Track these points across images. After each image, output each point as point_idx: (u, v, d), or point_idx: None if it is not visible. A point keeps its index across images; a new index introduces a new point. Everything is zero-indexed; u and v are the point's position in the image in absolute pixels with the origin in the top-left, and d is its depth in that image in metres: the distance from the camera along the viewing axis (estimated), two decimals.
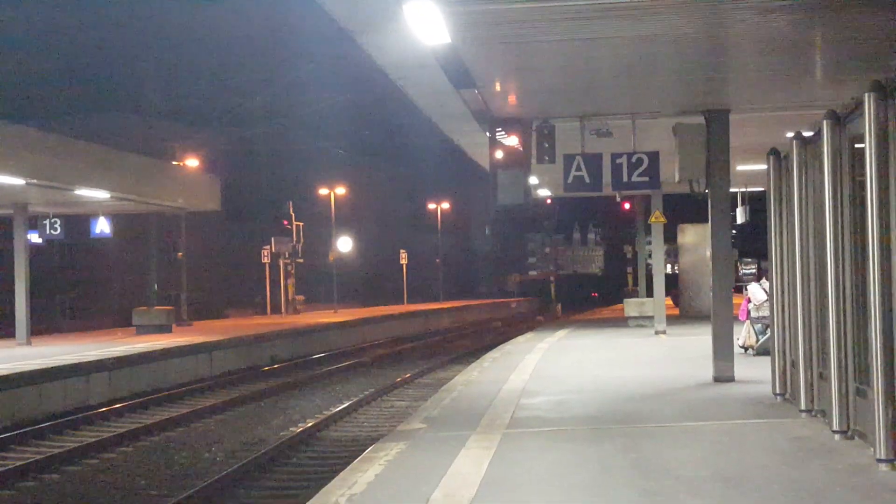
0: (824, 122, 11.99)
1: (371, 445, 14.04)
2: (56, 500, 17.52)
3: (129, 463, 20.45)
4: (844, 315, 11.88)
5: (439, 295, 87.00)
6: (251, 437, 23.05)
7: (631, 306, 39.63)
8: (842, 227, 11.87)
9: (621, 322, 40.23)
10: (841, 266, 11.91)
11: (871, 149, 10.32)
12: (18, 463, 19.80)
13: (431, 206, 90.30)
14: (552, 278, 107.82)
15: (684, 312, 44.11)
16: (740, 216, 40.03)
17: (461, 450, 12.68)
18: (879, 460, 10.39)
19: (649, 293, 38.36)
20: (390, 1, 11.81)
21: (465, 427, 14.60)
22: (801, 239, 13.89)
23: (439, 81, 16.41)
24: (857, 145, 11.41)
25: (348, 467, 12.22)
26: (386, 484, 11.00)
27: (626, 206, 56.72)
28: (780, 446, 12.22)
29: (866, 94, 10.33)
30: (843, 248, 11.86)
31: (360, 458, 12.86)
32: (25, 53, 75.11)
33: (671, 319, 39.03)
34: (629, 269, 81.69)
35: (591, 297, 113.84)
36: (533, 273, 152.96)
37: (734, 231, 48.62)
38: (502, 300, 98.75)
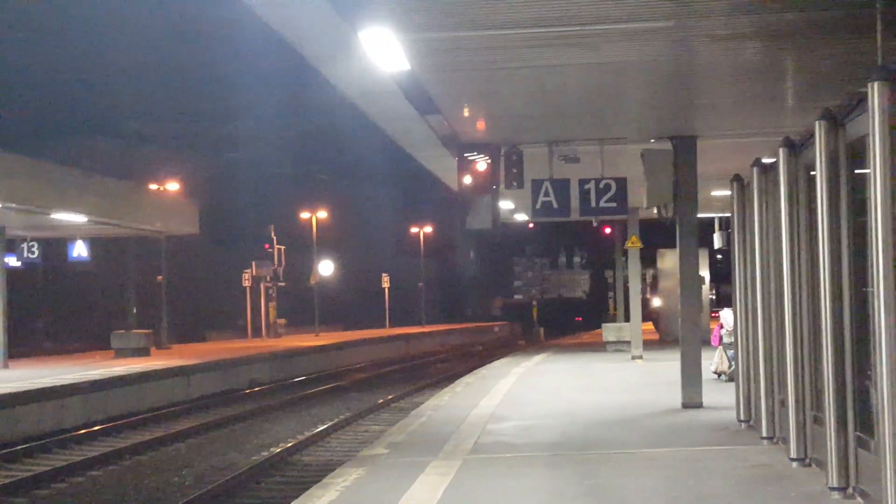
0: (780, 149, 12.06)
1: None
2: None
3: (97, 486, 20.40)
4: (801, 342, 11.91)
5: (422, 319, 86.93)
6: (222, 461, 22.98)
7: (609, 331, 39.65)
8: (798, 254, 11.91)
9: (600, 347, 40.22)
10: (797, 293, 11.94)
11: (821, 176, 10.36)
12: None
13: (414, 229, 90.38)
14: (534, 302, 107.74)
15: (664, 337, 44.17)
16: (717, 241, 40.12)
17: (419, 476, 12.68)
18: (832, 488, 10.40)
19: (628, 318, 38.39)
20: (348, 29, 11.81)
21: (427, 453, 14.59)
22: (761, 266, 13.94)
23: (404, 107, 16.43)
24: (812, 173, 11.45)
25: (304, 493, 12.21)
26: None
27: (607, 230, 56.82)
28: (737, 473, 12.24)
29: (817, 122, 10.38)
30: (799, 275, 11.90)
31: (318, 484, 12.84)
32: (1, 77, 75.11)
33: (650, 344, 39.11)
34: (610, 294, 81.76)
35: (576, 322, 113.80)
36: (518, 297, 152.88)
37: (720, 256, 48.75)
38: (485, 324, 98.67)
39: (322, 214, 69.33)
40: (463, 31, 12.22)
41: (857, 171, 10.02)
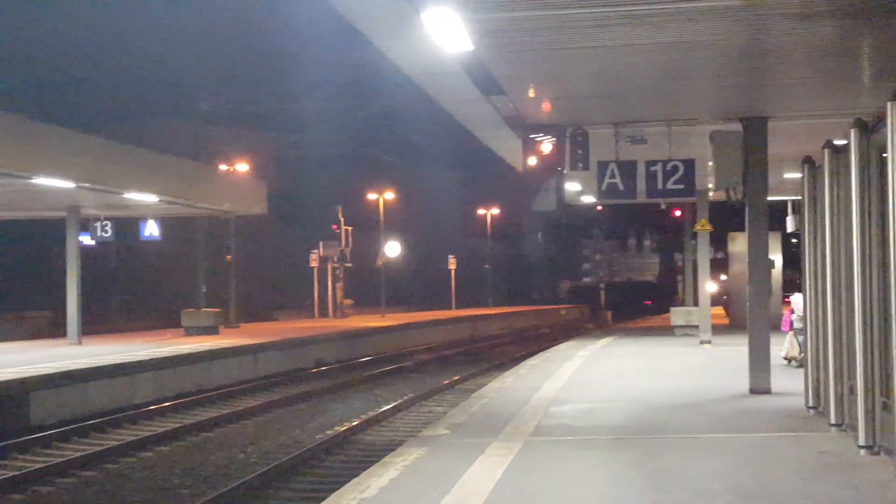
0: (851, 130, 11.82)
1: None
2: (91, 497, 17.67)
3: (165, 461, 20.61)
4: (871, 327, 11.68)
5: (488, 301, 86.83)
6: (287, 438, 23.10)
7: (677, 315, 39.39)
8: (869, 238, 11.68)
9: (668, 331, 39.95)
10: (868, 277, 11.72)
11: (893, 158, 10.13)
12: (59, 461, 20.00)
13: (481, 211, 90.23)
14: (601, 285, 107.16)
15: (734, 322, 43.73)
16: (790, 225, 39.59)
17: (479, 457, 12.62)
18: None
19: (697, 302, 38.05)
20: (410, 9, 11.72)
21: (487, 434, 14.53)
22: (832, 250, 13.70)
23: (467, 88, 16.34)
24: (884, 154, 11.21)
25: (365, 472, 12.19)
26: (398, 489, 10.96)
27: (677, 213, 56.33)
28: (803, 461, 12.04)
29: (889, 103, 10.15)
30: (870, 259, 11.66)
31: (378, 462, 12.83)
32: (77, 59, 75.87)
33: (720, 329, 38.79)
34: (679, 278, 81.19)
35: (645, 305, 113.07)
36: (586, 280, 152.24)
37: (794, 240, 48.11)
38: (552, 307, 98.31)
39: (389, 196, 69.40)
40: (527, 10, 12.08)
41: None
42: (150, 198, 35.53)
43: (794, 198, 39.04)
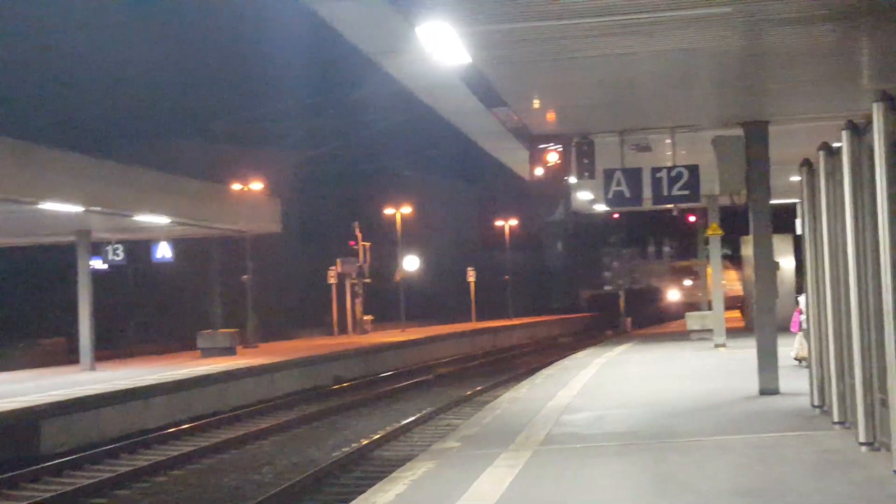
0: (843, 132, 11.91)
1: None
2: None
3: (178, 486, 20.73)
4: (868, 325, 11.76)
5: (509, 312, 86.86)
6: (303, 457, 23.22)
7: (693, 320, 39.39)
8: (863, 237, 11.76)
9: (685, 336, 39.94)
10: (863, 276, 11.80)
11: (880, 158, 10.23)
12: (69, 489, 20.11)
13: (499, 222, 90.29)
14: (621, 293, 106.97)
15: (749, 324, 43.70)
16: (800, 227, 39.56)
17: (488, 468, 12.73)
18: None
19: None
20: (405, 24, 11.86)
21: (498, 445, 14.63)
22: (830, 250, 13.78)
23: (469, 101, 16.49)
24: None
25: (371, 488, 12.31)
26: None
27: (691, 218, 56.36)
28: (806, 459, 12.13)
29: (874, 104, 10.26)
30: (864, 258, 11.74)
31: (388, 477, 12.94)
32: (87, 83, 76.35)
33: (736, 332, 38.75)
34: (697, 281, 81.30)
35: (664, 311, 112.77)
36: (607, 287, 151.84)
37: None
38: (573, 315, 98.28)
39: (406, 210, 69.49)
40: (522, 22, 12.23)
41: None
42: (162, 219, 35.73)
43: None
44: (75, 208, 30.74)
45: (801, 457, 12.29)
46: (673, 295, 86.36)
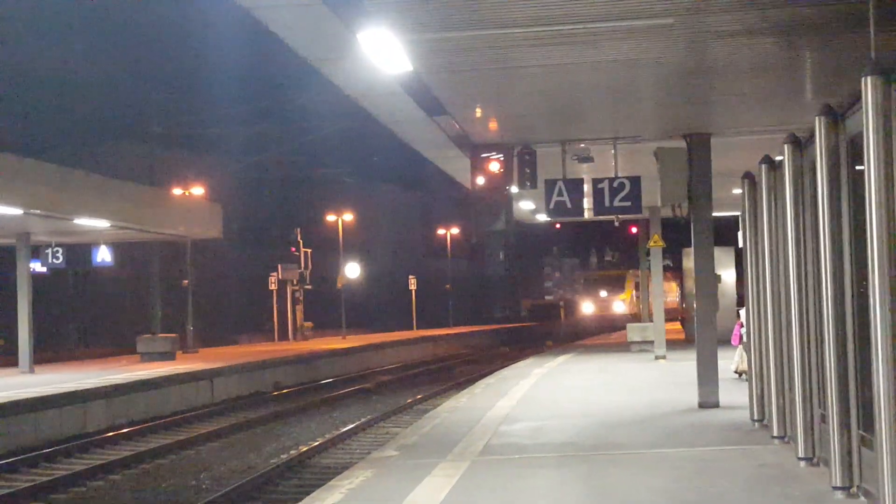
0: (785, 146, 11.95)
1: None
2: None
3: (115, 490, 20.51)
4: (808, 341, 11.79)
5: (449, 321, 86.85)
6: (241, 464, 23.02)
7: (634, 331, 39.46)
8: (804, 251, 11.79)
9: (626, 347, 40.03)
10: (803, 291, 11.83)
11: (822, 173, 10.25)
12: (5, 492, 19.81)
13: (441, 231, 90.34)
14: (562, 303, 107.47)
15: (690, 336, 43.86)
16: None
17: (426, 478, 12.64)
18: (835, 488, 10.28)
19: None
20: (346, 30, 11.76)
21: (436, 455, 14.55)
22: (771, 263, 13.83)
23: (411, 109, 16.40)
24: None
25: (309, 496, 12.18)
26: None
27: (633, 229, 56.68)
28: (745, 473, 12.14)
29: (816, 118, 10.28)
30: (805, 273, 11.78)
31: (324, 486, 12.82)
32: (25, 84, 75.44)
33: (677, 344, 38.93)
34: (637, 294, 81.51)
35: (606, 322, 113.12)
36: (549, 297, 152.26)
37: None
38: (514, 325, 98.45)
39: (348, 217, 69.29)
40: (464, 30, 12.15)
41: (857, 168, 9.89)
42: (102, 223, 35.37)
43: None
44: (15, 211, 30.34)
45: (740, 471, 12.30)
46: (587, 308, 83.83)
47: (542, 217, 35.12)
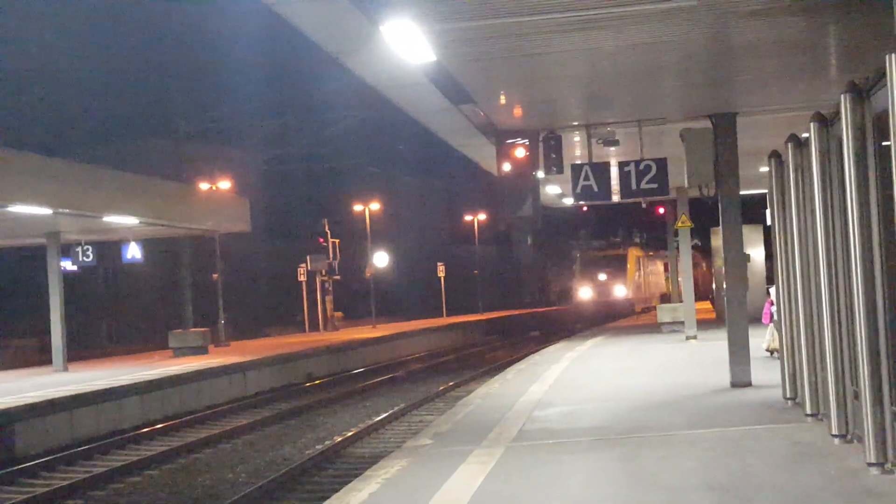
0: (811, 124, 11.93)
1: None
2: None
3: (152, 486, 20.67)
4: (839, 317, 11.79)
5: (478, 306, 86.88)
6: (276, 455, 23.17)
7: (664, 312, 39.49)
8: (832, 228, 11.78)
9: (656, 328, 40.02)
10: (833, 268, 11.82)
11: (849, 150, 10.24)
12: (44, 490, 20.02)
13: (468, 217, 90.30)
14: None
15: (720, 316, 43.81)
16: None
17: (461, 465, 12.70)
18: (870, 464, 10.29)
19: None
20: (368, 22, 11.81)
21: (470, 442, 14.61)
22: (800, 241, 13.81)
23: (436, 98, 16.44)
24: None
25: (345, 487, 12.27)
26: (377, 502, 11.03)
27: (661, 210, 56.61)
28: (778, 452, 12.15)
29: (842, 96, 10.26)
30: (833, 249, 11.77)
31: (360, 476, 12.91)
32: (48, 84, 75.84)
33: (707, 323, 38.89)
34: (667, 274, 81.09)
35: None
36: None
37: None
38: (544, 309, 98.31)
39: (375, 206, 69.38)
40: (486, 19, 12.17)
41: (884, 143, 9.88)
42: (130, 220, 35.56)
43: None
44: (45, 211, 30.54)
45: (774, 450, 12.31)
46: (585, 293, 75.70)
47: (569, 201, 35.15)
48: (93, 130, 76.60)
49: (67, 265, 40.58)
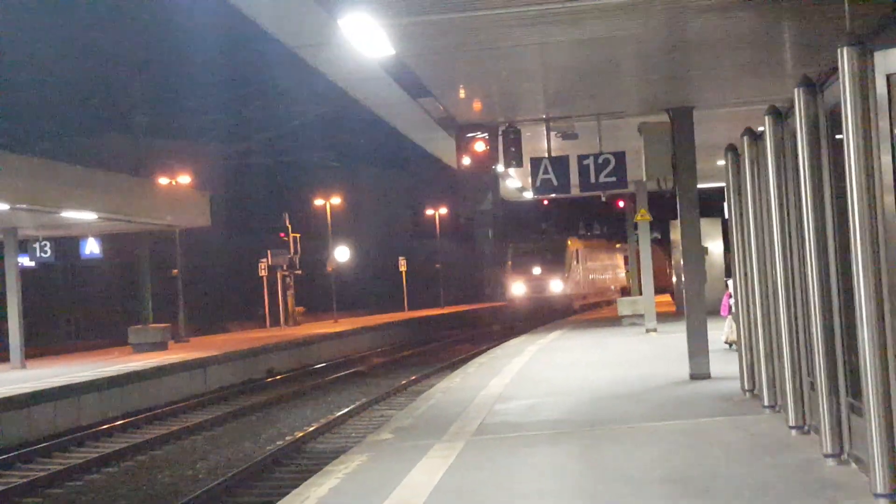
0: (766, 117, 12.02)
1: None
2: None
3: (112, 483, 20.55)
4: (795, 309, 11.89)
5: (440, 300, 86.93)
6: (237, 452, 23.11)
7: (624, 305, 39.64)
8: (787, 220, 11.87)
9: (617, 321, 40.17)
10: (789, 261, 11.92)
11: (802, 143, 10.32)
12: (1, 488, 19.86)
13: (429, 211, 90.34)
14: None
15: (680, 308, 44.00)
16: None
17: (422, 459, 12.72)
18: (826, 455, 10.39)
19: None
20: (326, 16, 11.79)
21: (431, 436, 14.64)
22: (756, 234, 13.92)
23: (395, 92, 16.44)
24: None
25: (305, 482, 12.27)
26: (338, 497, 11.05)
27: (620, 204, 56.73)
28: (736, 443, 12.26)
29: (795, 90, 10.34)
30: (788, 241, 11.87)
31: (321, 471, 12.91)
32: (3, 80, 75.29)
33: (666, 317, 39.08)
34: (627, 268, 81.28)
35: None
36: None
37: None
38: (504, 303, 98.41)
39: (336, 201, 69.27)
40: (441, 13, 12.17)
41: (837, 137, 9.96)
42: (89, 215, 35.31)
43: None
44: (2, 206, 30.29)
45: (732, 441, 12.41)
46: (518, 289, 67.83)
47: (529, 195, 35.23)
48: (50, 126, 76.06)
49: (25, 261, 40.25)
